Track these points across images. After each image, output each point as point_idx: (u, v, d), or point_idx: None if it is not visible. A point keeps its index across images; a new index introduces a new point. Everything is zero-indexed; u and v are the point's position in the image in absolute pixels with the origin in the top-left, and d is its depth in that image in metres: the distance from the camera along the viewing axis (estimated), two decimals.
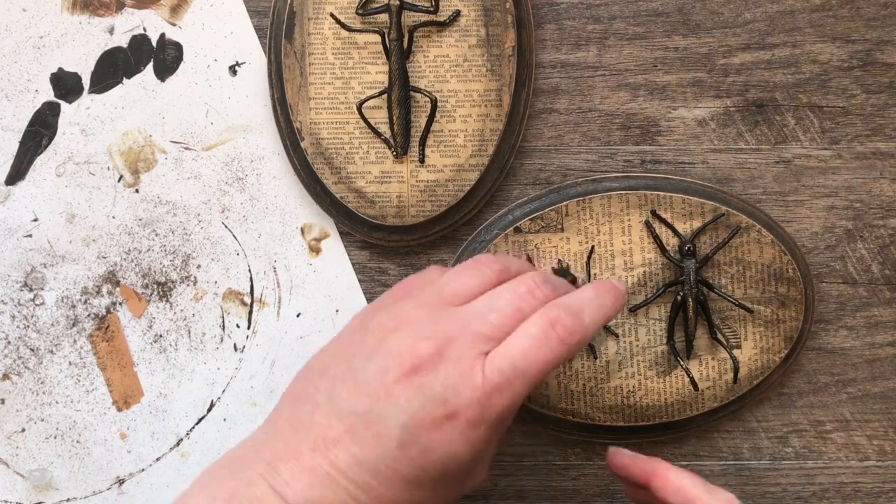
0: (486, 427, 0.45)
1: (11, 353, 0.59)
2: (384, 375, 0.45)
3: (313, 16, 0.58)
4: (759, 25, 0.60)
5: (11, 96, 0.59)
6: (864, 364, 0.60)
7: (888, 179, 0.60)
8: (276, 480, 0.45)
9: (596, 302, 0.47)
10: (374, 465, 0.45)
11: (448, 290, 0.48)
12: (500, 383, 0.45)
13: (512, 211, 0.59)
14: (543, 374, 0.45)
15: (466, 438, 0.45)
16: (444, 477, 0.45)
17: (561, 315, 0.46)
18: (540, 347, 0.45)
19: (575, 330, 0.46)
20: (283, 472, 0.45)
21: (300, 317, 0.60)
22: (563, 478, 0.60)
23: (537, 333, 0.45)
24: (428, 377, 0.45)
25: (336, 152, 0.58)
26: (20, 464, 0.59)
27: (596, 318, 0.47)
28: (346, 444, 0.45)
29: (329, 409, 0.46)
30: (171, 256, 0.60)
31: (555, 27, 0.60)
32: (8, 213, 0.59)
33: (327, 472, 0.45)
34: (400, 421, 0.44)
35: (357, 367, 0.46)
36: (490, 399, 0.45)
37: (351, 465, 0.45)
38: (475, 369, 0.45)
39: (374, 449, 0.45)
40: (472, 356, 0.45)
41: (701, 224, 0.58)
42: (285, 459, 0.45)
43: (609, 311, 0.48)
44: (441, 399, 0.44)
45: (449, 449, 0.45)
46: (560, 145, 0.60)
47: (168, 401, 0.60)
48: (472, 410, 0.44)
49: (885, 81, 0.60)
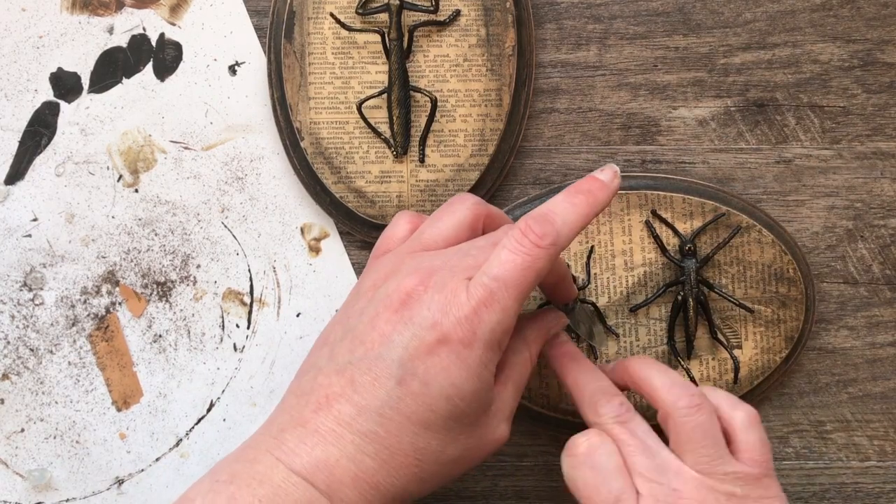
0: (481, 346, 0.45)
1: (11, 353, 0.59)
2: (376, 321, 0.45)
3: (313, 15, 0.58)
4: (759, 25, 0.59)
5: (11, 96, 0.59)
6: (865, 364, 0.60)
7: (889, 179, 0.60)
8: (282, 451, 0.45)
9: (565, 203, 0.47)
10: (378, 409, 0.44)
11: (426, 237, 0.49)
12: (485, 296, 0.45)
13: (512, 211, 0.59)
14: (526, 281, 0.45)
15: (462, 361, 0.44)
16: (451, 415, 0.45)
17: (530, 223, 0.46)
18: (515, 254, 0.45)
19: (546, 232, 0.46)
20: (288, 440, 0.45)
21: (300, 317, 0.60)
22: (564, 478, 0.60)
23: (510, 244, 0.45)
24: (415, 308, 0.45)
25: (336, 152, 0.58)
26: (20, 464, 0.59)
27: (568, 217, 0.47)
28: (347, 396, 0.45)
29: (329, 368, 0.46)
30: (170, 256, 0.60)
31: (555, 27, 0.60)
32: (7, 212, 0.59)
33: (332, 429, 0.44)
34: (395, 357, 0.44)
35: (352, 324, 0.47)
36: (478, 314, 0.45)
37: (354, 415, 0.44)
38: (459, 290, 0.45)
39: (374, 392, 0.44)
40: (455, 281, 0.45)
41: (701, 224, 0.58)
42: (290, 429, 0.45)
43: (583, 208, 0.47)
44: (430, 324, 0.44)
45: (448, 376, 0.44)
46: (560, 145, 0.60)
47: (167, 401, 0.60)
48: (462, 329, 0.44)
49: (886, 81, 0.60)
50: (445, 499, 0.60)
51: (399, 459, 0.45)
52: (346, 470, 0.44)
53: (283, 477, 0.44)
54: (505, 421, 0.48)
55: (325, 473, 0.44)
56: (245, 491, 0.44)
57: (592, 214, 0.48)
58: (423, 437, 0.45)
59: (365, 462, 0.44)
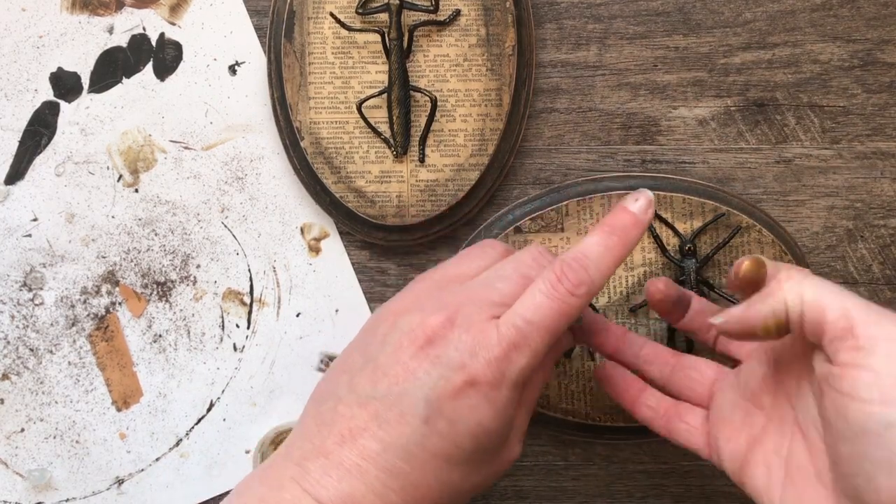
0: (508, 387, 0.45)
1: (11, 353, 0.59)
2: (399, 354, 0.45)
3: (313, 15, 0.58)
4: (759, 25, 0.59)
5: (11, 96, 0.59)
6: None
7: (889, 179, 0.60)
8: (307, 481, 0.44)
9: (599, 248, 0.47)
10: (403, 446, 0.44)
11: (453, 271, 0.49)
12: (516, 339, 0.45)
13: (512, 210, 0.59)
14: (558, 327, 0.45)
15: (490, 402, 0.44)
16: (476, 450, 0.45)
17: (565, 270, 0.46)
18: (551, 300, 0.45)
19: (581, 281, 0.46)
20: (313, 471, 0.45)
21: (300, 317, 0.60)
22: (563, 478, 0.60)
23: (545, 289, 0.45)
24: (442, 347, 0.45)
25: (336, 152, 0.58)
26: (19, 464, 0.59)
27: (602, 264, 0.46)
28: (372, 431, 0.44)
29: (351, 399, 0.46)
30: (170, 256, 0.60)
31: (555, 26, 0.60)
32: (7, 212, 0.59)
33: (357, 464, 0.44)
34: (422, 395, 0.44)
35: (373, 354, 0.46)
36: (508, 356, 0.45)
37: (379, 451, 0.44)
38: (488, 331, 0.45)
39: (400, 429, 0.44)
40: (482, 320, 0.45)
41: (701, 224, 0.58)
42: (313, 458, 0.45)
43: (618, 250, 0.47)
44: (458, 365, 0.44)
45: (474, 416, 0.44)
46: (560, 145, 0.60)
47: (167, 401, 0.60)
48: (492, 371, 0.44)
49: (886, 81, 0.60)
50: None
51: (423, 492, 0.45)
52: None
53: None
54: (519, 441, 0.48)
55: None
56: None
57: (626, 255, 0.47)
58: (447, 471, 0.45)
59: (389, 497, 0.44)
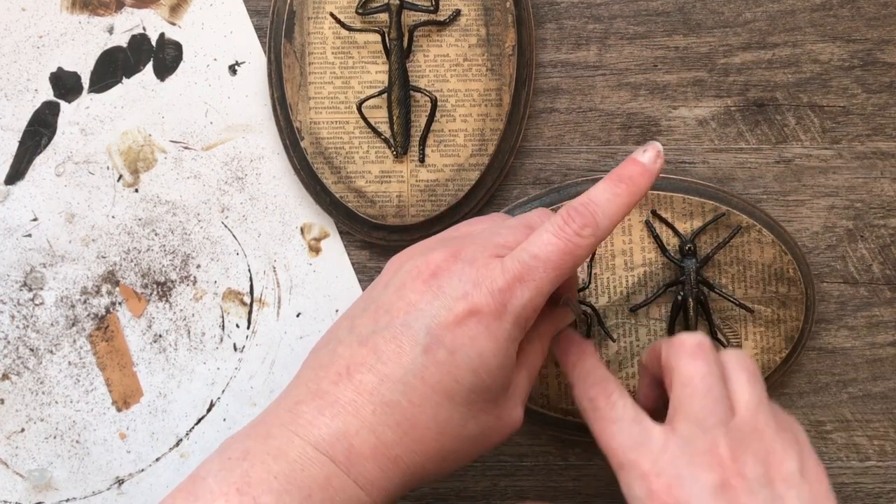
0: (510, 320, 0.44)
1: (11, 353, 0.59)
2: (402, 291, 0.45)
3: (313, 15, 0.58)
4: (759, 25, 0.59)
5: (11, 96, 0.59)
6: (865, 364, 0.60)
7: (889, 179, 0.60)
8: (298, 424, 0.43)
9: (607, 193, 0.46)
10: (401, 378, 0.43)
11: (458, 231, 0.49)
12: (521, 271, 0.44)
13: (512, 211, 0.59)
14: (563, 265, 0.45)
15: (491, 333, 0.44)
16: (474, 388, 0.44)
17: (571, 213, 0.45)
18: (558, 238, 0.45)
19: (587, 223, 0.45)
20: (305, 413, 0.44)
21: (300, 317, 0.60)
22: (563, 478, 0.60)
23: (552, 228, 0.45)
24: (445, 278, 0.44)
25: (336, 152, 0.58)
26: (20, 464, 0.59)
27: (608, 209, 0.46)
28: (370, 365, 0.44)
29: (351, 339, 0.45)
30: (170, 256, 0.60)
31: (555, 26, 0.60)
32: (7, 212, 0.59)
33: (352, 399, 0.43)
34: (423, 325, 0.44)
35: (376, 296, 0.46)
36: (511, 289, 0.44)
37: (377, 384, 0.43)
38: (492, 264, 0.45)
39: (399, 360, 0.44)
40: (487, 256, 0.45)
41: (701, 224, 0.58)
42: (307, 401, 0.44)
43: (625, 198, 0.47)
44: (461, 294, 0.44)
45: (475, 346, 0.44)
46: (560, 145, 0.60)
47: (168, 401, 0.60)
48: (494, 301, 0.44)
49: (886, 81, 0.60)
50: (445, 498, 0.60)
51: (420, 432, 0.44)
52: (365, 441, 0.43)
53: (299, 451, 0.43)
54: (520, 404, 0.47)
55: (345, 445, 0.43)
56: (259, 468, 0.43)
57: (634, 203, 0.47)
58: (445, 408, 0.44)
59: (385, 434, 0.43)
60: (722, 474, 0.43)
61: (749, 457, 0.44)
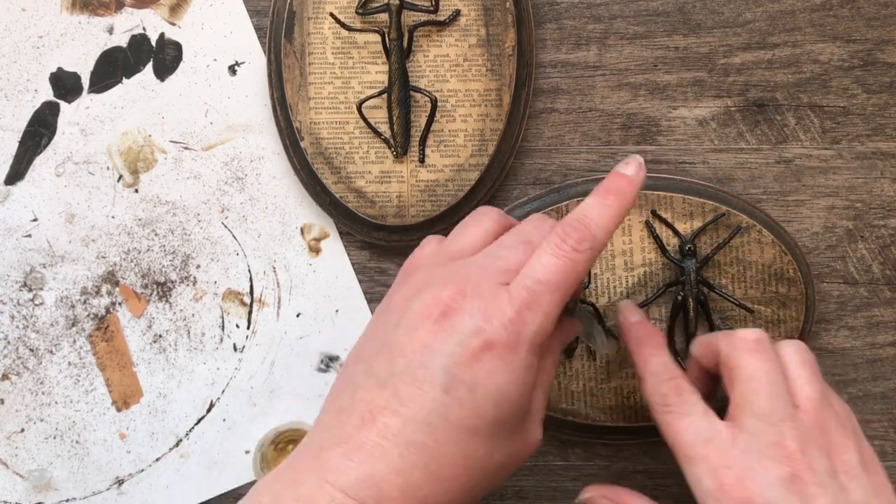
0: (525, 349, 0.45)
1: (11, 354, 0.59)
2: (415, 332, 0.45)
3: (313, 15, 0.58)
4: (759, 25, 0.59)
5: (11, 96, 0.59)
6: (865, 364, 0.60)
7: (889, 179, 0.60)
8: (325, 470, 0.43)
9: (598, 207, 0.47)
10: (424, 419, 0.43)
11: (454, 248, 0.49)
12: (528, 299, 0.45)
13: (512, 211, 0.59)
14: (567, 285, 0.46)
15: (508, 365, 0.44)
16: (497, 420, 0.44)
17: (567, 229, 0.46)
18: (557, 259, 0.46)
19: (583, 237, 0.46)
20: (331, 459, 0.44)
21: (300, 317, 0.60)
22: (563, 478, 0.60)
23: (551, 248, 0.46)
24: (457, 317, 0.45)
25: (336, 152, 0.58)
26: (20, 464, 0.59)
27: (602, 221, 0.47)
28: (392, 408, 0.44)
29: (369, 384, 0.45)
30: (170, 256, 0.60)
31: (555, 27, 0.60)
32: (7, 213, 0.59)
33: (377, 444, 0.43)
34: (440, 365, 0.44)
35: (388, 338, 0.46)
36: (522, 317, 0.45)
37: (400, 427, 0.43)
38: (500, 295, 0.45)
39: (420, 402, 0.44)
40: (493, 287, 0.45)
41: (701, 224, 0.58)
42: (332, 447, 0.44)
43: (616, 209, 0.48)
44: (474, 330, 0.44)
45: (493, 380, 0.44)
46: (560, 145, 0.60)
47: (167, 401, 0.60)
48: (507, 332, 0.44)
49: (886, 81, 0.60)
50: None
51: (448, 470, 0.44)
52: (394, 484, 0.43)
53: (329, 498, 0.43)
54: (539, 423, 0.48)
55: (373, 490, 0.43)
56: None
57: (624, 213, 0.48)
58: (471, 444, 0.44)
59: (413, 475, 0.43)
60: (792, 467, 0.46)
61: (815, 450, 0.46)
